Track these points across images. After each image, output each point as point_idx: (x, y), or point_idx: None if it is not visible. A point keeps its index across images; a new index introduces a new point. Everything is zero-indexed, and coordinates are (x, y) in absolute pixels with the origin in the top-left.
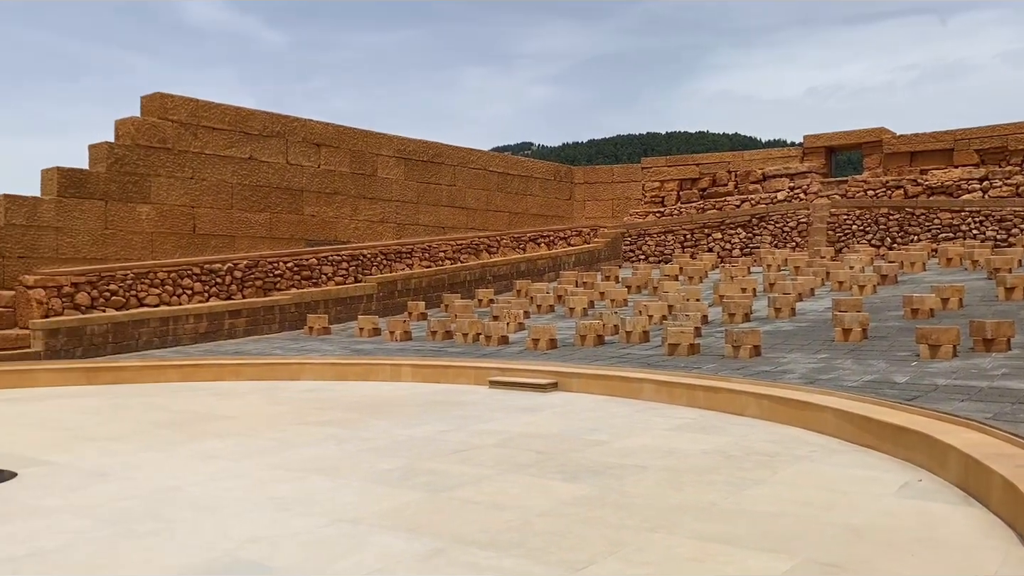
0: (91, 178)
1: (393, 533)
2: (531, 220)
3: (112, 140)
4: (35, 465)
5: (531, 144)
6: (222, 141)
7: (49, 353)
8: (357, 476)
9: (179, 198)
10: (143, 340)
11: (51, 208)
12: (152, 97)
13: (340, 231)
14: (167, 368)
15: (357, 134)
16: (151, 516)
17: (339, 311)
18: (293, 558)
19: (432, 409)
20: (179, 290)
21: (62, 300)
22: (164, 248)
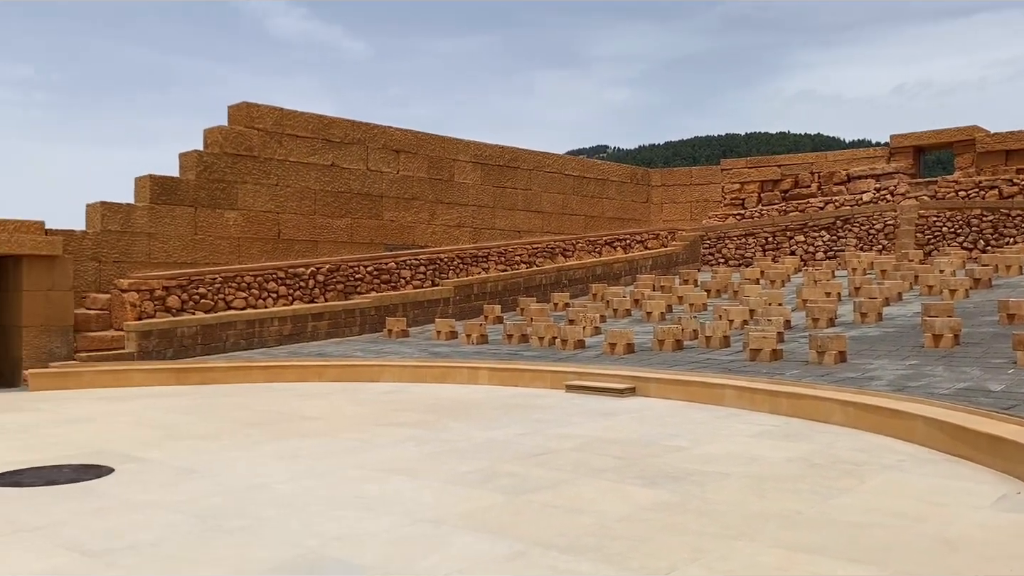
0: (181, 185)
1: (474, 534)
2: (607, 223)
3: (201, 148)
4: (130, 461)
5: (607, 147)
6: (305, 148)
7: (142, 354)
8: (437, 477)
9: (264, 204)
10: (230, 342)
11: (144, 214)
12: (239, 106)
13: (418, 235)
14: (253, 369)
15: (434, 140)
16: (239, 513)
17: (417, 314)
18: (378, 556)
19: (509, 412)
20: (264, 293)
21: (154, 303)
22: (250, 253)
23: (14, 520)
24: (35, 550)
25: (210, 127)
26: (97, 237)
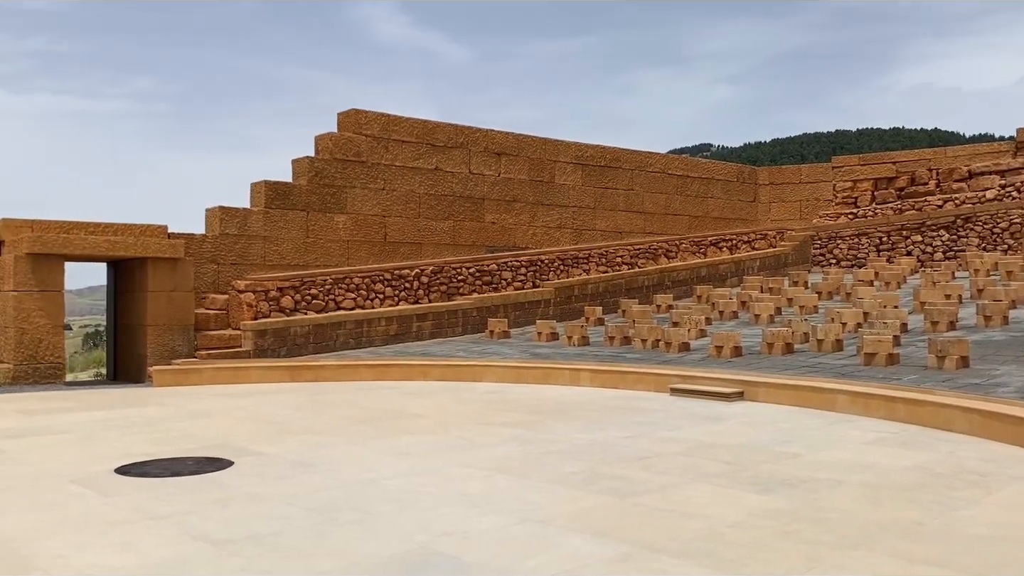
0: (294, 190)
1: (580, 535)
2: (712, 223)
3: (312, 155)
4: (248, 455)
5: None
6: (410, 153)
7: (257, 352)
8: (542, 477)
9: (372, 208)
10: (340, 341)
11: (260, 219)
12: (348, 113)
13: (519, 237)
14: (361, 367)
15: (535, 142)
16: (352, 507)
17: (518, 315)
18: (485, 553)
19: (612, 414)
20: (372, 294)
21: (269, 303)
22: (358, 255)
23: (143, 508)
24: (164, 537)
25: (321, 134)
26: (216, 240)
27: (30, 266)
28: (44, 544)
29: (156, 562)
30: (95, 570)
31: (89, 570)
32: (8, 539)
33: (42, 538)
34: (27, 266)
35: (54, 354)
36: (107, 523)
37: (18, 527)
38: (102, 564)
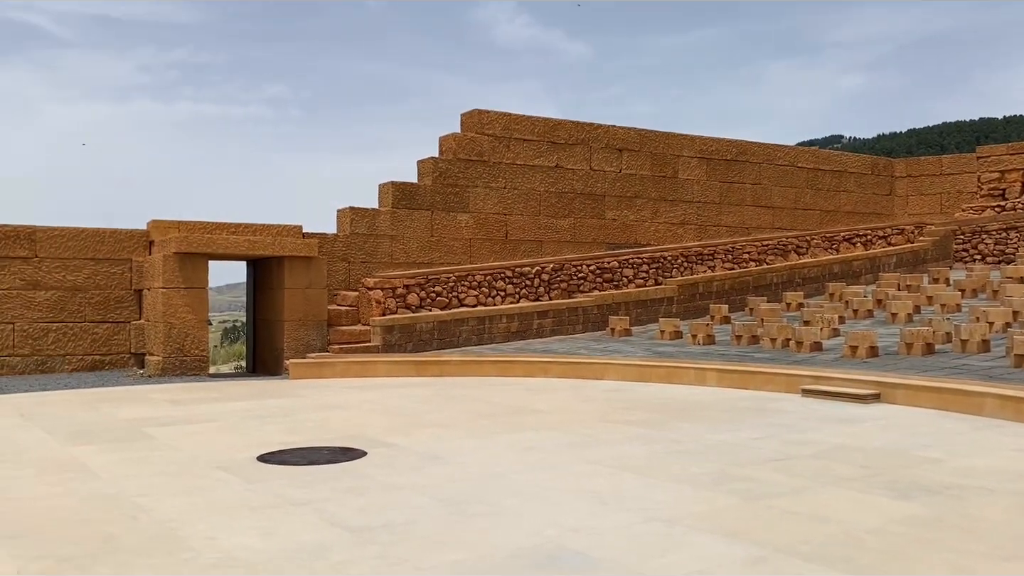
0: (419, 190)
1: (710, 536)
2: (844, 218)
3: (437, 155)
4: (380, 446)
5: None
6: (531, 151)
7: (385, 347)
8: (668, 477)
9: (493, 206)
10: (463, 337)
11: (387, 218)
12: (470, 114)
13: (640, 234)
14: (484, 363)
15: (657, 136)
16: (480, 500)
17: (639, 313)
18: (614, 550)
19: (741, 415)
20: (493, 292)
21: (396, 300)
22: (480, 253)
23: (284, 495)
24: (304, 523)
25: (445, 134)
26: (347, 239)
27: (177, 264)
28: (196, 526)
29: (297, 546)
30: (242, 552)
31: (237, 552)
32: (164, 520)
33: (194, 521)
34: (174, 264)
35: (199, 347)
36: (251, 508)
37: (172, 510)
38: (248, 546)
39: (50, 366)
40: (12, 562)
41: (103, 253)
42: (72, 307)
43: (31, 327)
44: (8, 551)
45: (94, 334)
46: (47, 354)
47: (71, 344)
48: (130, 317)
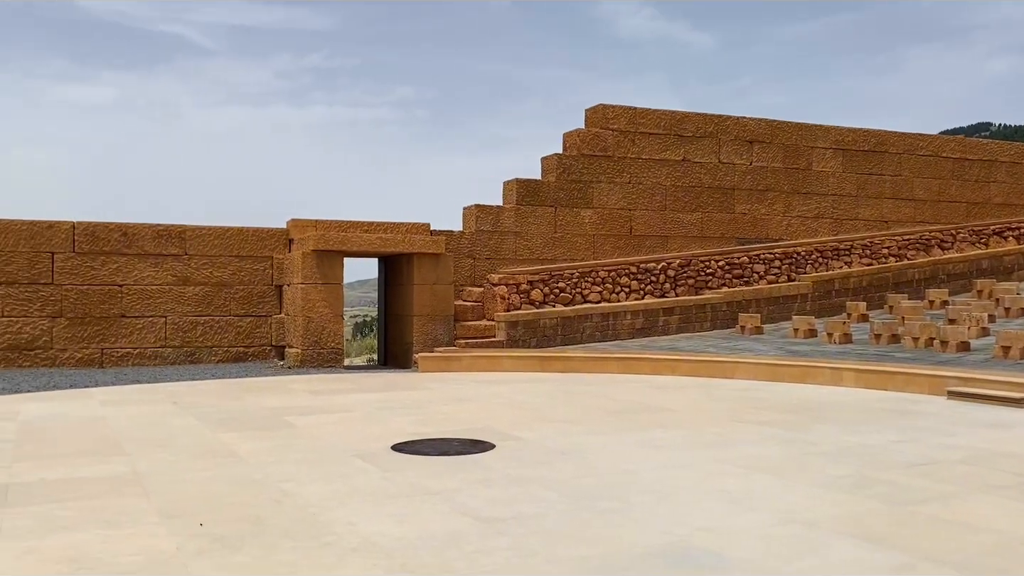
0: (543, 187)
1: (852, 540)
2: (995, 210)
3: (560, 151)
4: (508, 440)
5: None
6: (657, 145)
7: (510, 342)
8: (804, 479)
9: (617, 202)
10: (586, 333)
11: (511, 215)
12: (595, 109)
13: (772, 229)
14: (609, 360)
15: (790, 128)
16: (609, 496)
17: (771, 310)
18: (749, 551)
19: (881, 417)
20: (617, 288)
21: (520, 296)
22: (604, 249)
23: (418, 484)
24: (437, 512)
25: (569, 130)
26: (472, 236)
27: (315, 261)
28: (336, 512)
29: (432, 534)
30: (380, 538)
31: (375, 537)
32: (307, 505)
33: (334, 507)
34: (312, 261)
35: (334, 340)
36: (387, 496)
37: (314, 495)
38: (386, 533)
39: (198, 357)
40: (172, 539)
41: (246, 251)
42: (218, 302)
43: (181, 320)
44: (168, 529)
45: (238, 327)
46: (196, 346)
47: (217, 336)
48: (271, 311)
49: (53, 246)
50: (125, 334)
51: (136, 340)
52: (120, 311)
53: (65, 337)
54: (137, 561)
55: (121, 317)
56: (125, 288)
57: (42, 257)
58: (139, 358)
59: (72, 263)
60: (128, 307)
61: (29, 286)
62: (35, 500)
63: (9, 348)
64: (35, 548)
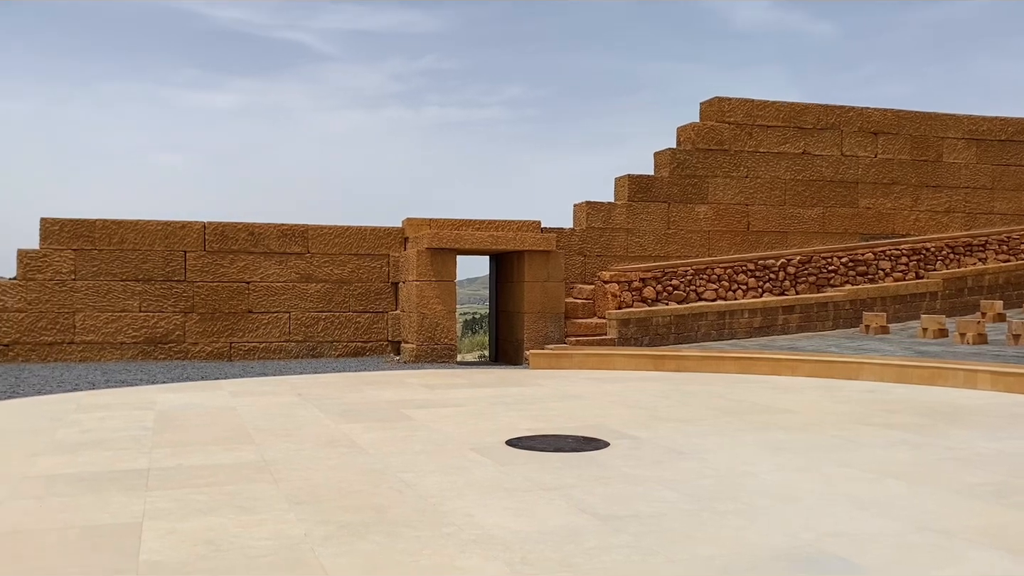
0: (656, 183)
1: (993, 552)
2: None
3: (674, 146)
4: (622, 438)
5: None
6: (775, 138)
7: (621, 340)
8: (939, 485)
9: (734, 197)
10: (701, 332)
11: (622, 211)
12: (711, 102)
13: (898, 223)
14: (725, 360)
15: (918, 117)
16: (729, 497)
17: (897, 309)
18: (881, 559)
19: (1022, 422)
20: (734, 285)
21: (632, 293)
22: (719, 245)
23: (533, 479)
24: (554, 507)
25: (683, 124)
26: (583, 233)
27: (429, 259)
28: (454, 503)
29: (550, 529)
30: (498, 530)
31: (494, 530)
32: (426, 495)
33: (452, 498)
34: (427, 259)
35: (448, 336)
36: (504, 489)
37: (433, 487)
38: (504, 526)
39: (319, 351)
40: (300, 525)
41: (364, 249)
42: (338, 298)
43: (304, 316)
44: (296, 515)
45: (356, 323)
46: (317, 340)
47: (337, 332)
48: (387, 308)
49: (185, 245)
50: (252, 329)
51: (262, 335)
52: (247, 307)
53: (197, 332)
54: (269, 545)
55: (248, 313)
56: (252, 285)
57: (175, 256)
58: (264, 352)
59: (203, 261)
60: (254, 303)
61: (164, 283)
62: (173, 484)
63: (146, 342)
64: (176, 529)
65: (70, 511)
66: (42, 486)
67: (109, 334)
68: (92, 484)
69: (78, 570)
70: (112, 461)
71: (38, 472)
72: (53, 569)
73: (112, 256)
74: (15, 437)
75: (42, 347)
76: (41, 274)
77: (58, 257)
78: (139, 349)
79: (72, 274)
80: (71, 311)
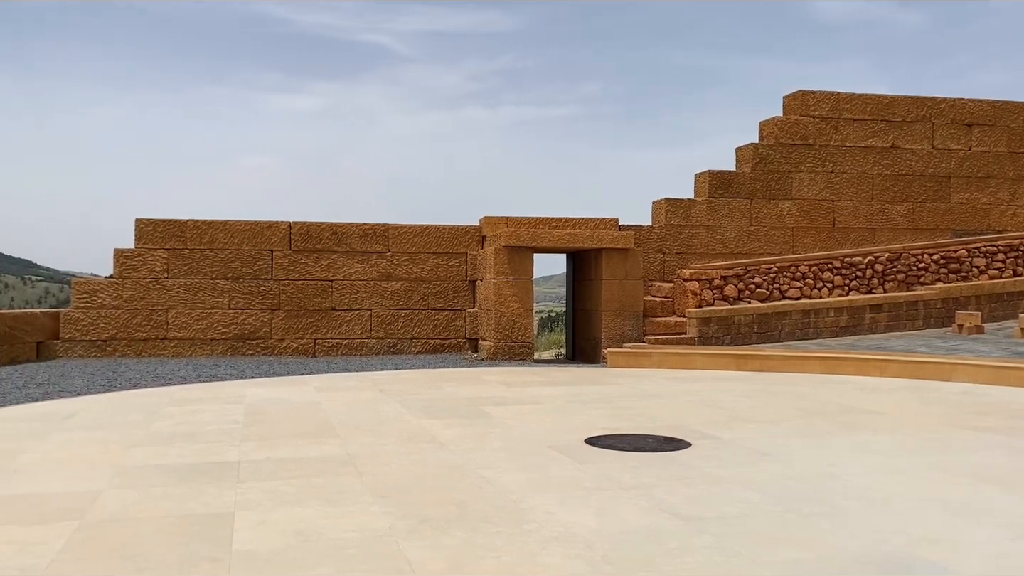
0: (737, 178)
1: None
2: None
3: (756, 141)
4: (704, 439)
5: None
6: (862, 132)
7: (701, 339)
8: None
9: (818, 192)
10: (784, 331)
11: (703, 208)
12: (794, 96)
13: (994, 219)
14: (810, 359)
15: (1016, 108)
16: (815, 500)
17: (993, 308)
18: (979, 567)
19: None
20: (819, 283)
21: (712, 292)
22: (803, 242)
23: (613, 478)
24: (634, 507)
25: (765, 119)
26: (661, 231)
27: (506, 257)
28: (534, 500)
29: (630, 528)
30: (580, 528)
31: (575, 528)
32: (506, 492)
33: (532, 495)
34: (504, 257)
35: (525, 334)
36: (583, 488)
37: (512, 483)
38: (585, 524)
39: (399, 348)
40: (384, 518)
41: (443, 247)
42: (417, 296)
43: (385, 313)
44: (380, 508)
45: (435, 320)
46: (397, 337)
47: (416, 329)
48: (465, 305)
49: (272, 245)
50: (335, 326)
51: (344, 332)
52: (331, 305)
53: (283, 328)
54: (354, 537)
55: (331, 310)
56: (335, 283)
57: (263, 255)
58: (347, 348)
59: (289, 260)
60: (337, 301)
61: (252, 281)
62: (263, 476)
63: (235, 338)
64: (266, 520)
65: (166, 500)
66: (140, 476)
67: (200, 330)
68: (186, 475)
69: (177, 558)
70: (204, 453)
71: (135, 463)
72: (152, 555)
73: (202, 255)
74: (114, 429)
75: (137, 343)
76: (136, 273)
77: (152, 256)
78: (228, 345)
79: (165, 273)
80: (164, 308)
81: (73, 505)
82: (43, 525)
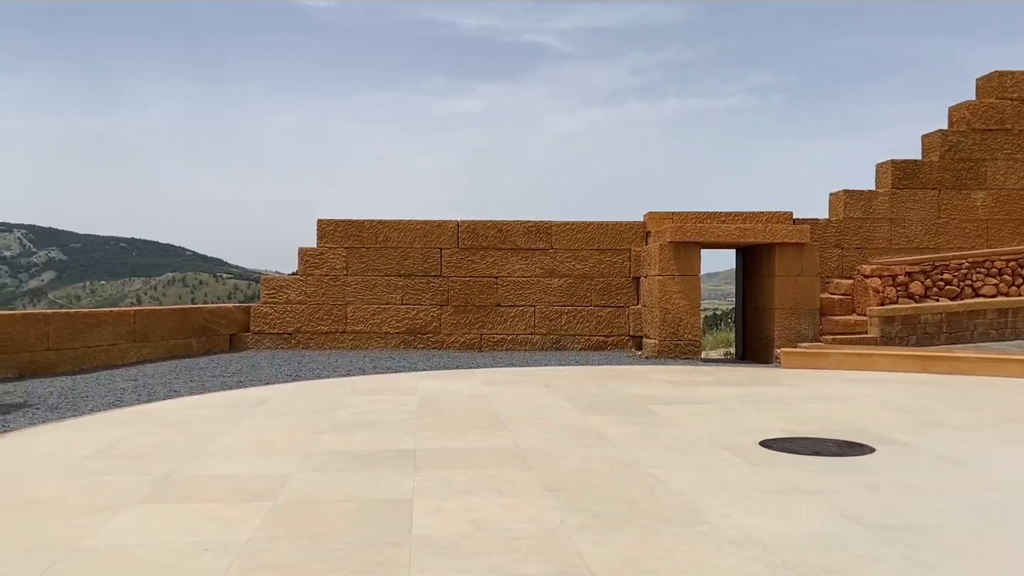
0: (923, 168)
1: None
2: None
3: (944, 128)
4: (889, 444)
5: None
6: None
7: (884, 339)
8: None
9: (1017, 181)
10: (977, 332)
11: (885, 200)
12: (989, 77)
13: None
14: (1007, 362)
15: None
16: (1018, 511)
17: None
18: None
19: None
20: (1018, 280)
21: (896, 289)
22: (1000, 236)
23: (791, 482)
24: (815, 512)
25: (955, 104)
26: (839, 224)
27: (671, 253)
28: (708, 502)
29: (811, 534)
30: (757, 532)
31: (752, 531)
32: (677, 492)
33: (705, 496)
34: (669, 253)
35: (691, 332)
36: (759, 491)
37: (684, 484)
38: (762, 527)
39: (562, 344)
40: (555, 511)
41: (605, 244)
42: (579, 293)
43: (548, 310)
44: (550, 502)
45: (598, 317)
46: (560, 333)
47: (579, 325)
48: (628, 302)
49: (441, 243)
50: (499, 321)
51: (509, 327)
52: (496, 301)
53: (451, 323)
54: (527, 529)
55: (496, 306)
56: (500, 280)
57: (432, 253)
58: (511, 343)
59: (456, 257)
60: (502, 297)
61: (422, 278)
62: (437, 465)
63: (407, 332)
64: (441, 507)
65: (349, 485)
66: (325, 461)
67: (375, 324)
68: (366, 461)
69: (361, 541)
70: (383, 441)
71: (321, 449)
72: (338, 537)
73: (378, 253)
74: (300, 416)
75: (319, 335)
76: (318, 270)
77: (332, 255)
78: (400, 339)
79: (344, 270)
80: (343, 303)
81: (267, 487)
82: (241, 504)
